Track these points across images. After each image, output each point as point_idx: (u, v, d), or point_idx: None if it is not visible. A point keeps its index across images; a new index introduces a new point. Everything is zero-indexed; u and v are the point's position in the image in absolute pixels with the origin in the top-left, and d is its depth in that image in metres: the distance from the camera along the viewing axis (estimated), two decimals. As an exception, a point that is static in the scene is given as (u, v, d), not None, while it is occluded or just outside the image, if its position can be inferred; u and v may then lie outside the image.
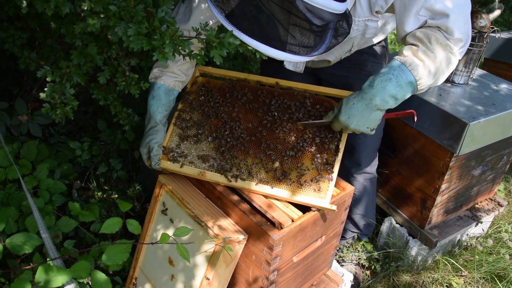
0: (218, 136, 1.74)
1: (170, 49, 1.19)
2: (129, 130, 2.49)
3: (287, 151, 1.64)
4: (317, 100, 1.73)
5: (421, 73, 1.46)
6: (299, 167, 1.61)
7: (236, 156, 1.67)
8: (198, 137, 1.76)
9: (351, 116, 1.50)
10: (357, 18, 1.61)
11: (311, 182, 1.57)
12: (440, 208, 2.34)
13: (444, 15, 1.46)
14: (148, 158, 1.78)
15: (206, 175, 1.66)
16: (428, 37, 1.47)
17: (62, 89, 1.44)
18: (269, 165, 1.63)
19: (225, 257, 1.56)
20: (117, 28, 1.19)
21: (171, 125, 1.82)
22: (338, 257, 2.49)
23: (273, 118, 1.72)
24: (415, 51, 1.48)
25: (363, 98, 1.48)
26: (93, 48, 1.47)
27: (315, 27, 1.32)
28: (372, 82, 1.48)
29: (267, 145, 1.67)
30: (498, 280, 2.38)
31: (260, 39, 1.29)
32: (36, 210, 1.59)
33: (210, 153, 1.72)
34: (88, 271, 1.40)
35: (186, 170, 1.70)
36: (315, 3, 1.23)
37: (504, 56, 3.08)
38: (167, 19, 1.20)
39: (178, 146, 1.77)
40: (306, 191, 1.56)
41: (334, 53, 1.94)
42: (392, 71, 1.46)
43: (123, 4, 1.17)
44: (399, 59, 1.48)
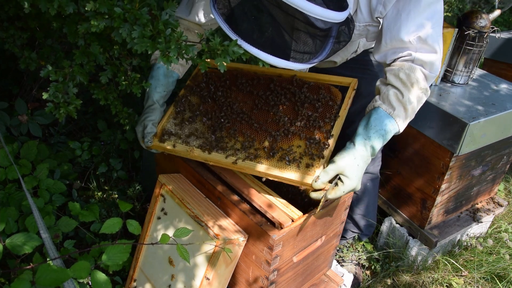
0: (212, 117, 1.76)
1: (175, 54, 1.20)
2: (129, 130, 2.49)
3: (279, 131, 1.63)
4: (315, 85, 1.73)
5: (403, 123, 1.55)
6: (290, 146, 1.58)
7: (227, 135, 1.68)
8: (194, 118, 1.78)
9: (360, 178, 1.49)
10: (358, 23, 1.62)
11: (299, 160, 1.53)
12: (440, 208, 2.34)
13: (433, 51, 1.51)
14: (142, 137, 1.78)
15: (194, 152, 1.66)
16: (411, 81, 1.51)
17: (65, 88, 1.44)
18: (259, 143, 1.62)
19: (225, 257, 1.56)
20: (121, 29, 1.19)
21: (170, 108, 1.84)
22: (338, 257, 2.49)
23: (268, 101, 1.72)
24: (400, 99, 1.52)
25: (365, 158, 1.48)
26: (96, 48, 1.47)
27: (315, 35, 1.33)
28: (363, 139, 1.49)
29: (259, 125, 1.67)
30: (498, 280, 2.38)
31: (262, 47, 1.31)
32: (36, 210, 1.59)
33: (202, 132, 1.73)
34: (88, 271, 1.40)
35: (176, 148, 1.71)
36: (316, 14, 1.24)
37: (504, 56, 3.09)
38: (171, 22, 1.21)
39: (173, 127, 1.78)
40: (293, 168, 1.52)
41: (340, 55, 1.95)
42: (383, 126, 1.50)
43: (128, 6, 1.18)
44: (391, 113, 1.51)
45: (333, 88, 1.70)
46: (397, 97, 1.52)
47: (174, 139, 1.74)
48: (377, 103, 1.55)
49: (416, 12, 1.47)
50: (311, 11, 1.22)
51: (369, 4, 1.54)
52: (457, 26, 2.23)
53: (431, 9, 1.48)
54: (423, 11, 1.47)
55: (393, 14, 1.51)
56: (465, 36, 2.20)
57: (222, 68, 1.25)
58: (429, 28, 1.48)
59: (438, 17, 1.50)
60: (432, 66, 1.53)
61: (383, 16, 1.55)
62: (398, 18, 1.50)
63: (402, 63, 1.54)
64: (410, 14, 1.48)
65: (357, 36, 1.70)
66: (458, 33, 2.21)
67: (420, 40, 1.50)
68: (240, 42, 1.29)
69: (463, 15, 2.25)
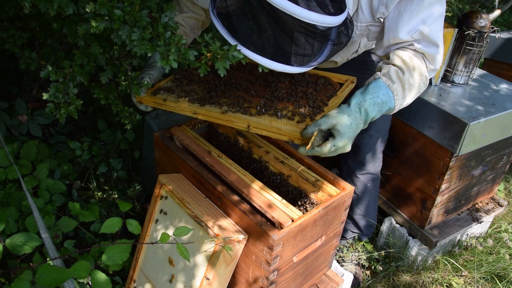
0: (210, 84, 1.76)
1: (175, 57, 1.20)
2: (129, 130, 2.49)
3: (275, 95, 1.62)
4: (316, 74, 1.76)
5: (399, 101, 1.53)
6: (285, 107, 1.56)
7: (221, 95, 1.67)
8: (191, 83, 1.78)
9: (351, 139, 1.45)
10: (359, 23, 1.62)
11: (292, 117, 1.50)
12: (440, 208, 2.34)
13: (435, 45, 1.52)
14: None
15: (184, 103, 1.63)
16: (413, 65, 1.52)
17: (65, 88, 1.44)
18: (254, 102, 1.60)
19: (225, 257, 1.56)
20: (121, 31, 1.19)
21: (172, 75, 1.84)
22: (338, 257, 2.49)
23: (268, 80, 1.73)
24: (401, 76, 1.51)
25: (358, 120, 1.45)
26: (96, 48, 1.47)
27: (313, 39, 1.34)
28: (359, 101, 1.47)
29: (256, 93, 1.67)
30: (498, 280, 2.38)
31: (259, 52, 1.31)
32: (36, 210, 1.59)
33: (197, 92, 1.72)
34: (88, 271, 1.40)
35: (166, 102, 1.68)
36: (312, 20, 1.24)
37: (504, 56, 3.09)
38: (171, 24, 1.21)
39: (169, 86, 1.78)
40: (284, 121, 1.49)
41: (341, 55, 1.95)
42: (380, 95, 1.48)
43: (128, 8, 1.18)
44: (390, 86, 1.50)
45: (332, 80, 1.72)
46: (398, 74, 1.51)
47: (167, 95, 1.72)
48: (377, 75, 1.54)
49: (417, 12, 1.48)
50: (307, 18, 1.23)
51: (371, 4, 1.54)
52: (457, 26, 2.23)
53: (432, 8, 1.49)
54: (424, 10, 1.48)
55: (395, 14, 1.52)
56: (465, 36, 2.20)
57: (222, 72, 1.25)
58: (430, 24, 1.49)
59: (439, 15, 1.51)
60: (434, 59, 1.54)
61: (384, 17, 1.55)
62: (400, 19, 1.51)
63: (406, 48, 1.56)
64: (412, 15, 1.49)
65: (358, 36, 1.70)
66: (458, 33, 2.21)
67: (422, 35, 1.51)
68: (239, 47, 1.29)
69: (463, 15, 2.25)
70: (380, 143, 2.25)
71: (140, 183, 2.49)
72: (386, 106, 1.50)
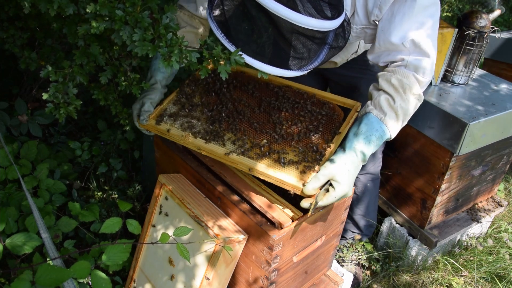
0: (213, 110, 1.75)
1: (177, 58, 1.20)
2: (129, 130, 2.49)
3: (278, 133, 1.62)
4: (320, 100, 1.74)
5: (395, 129, 1.52)
6: (287, 149, 1.56)
7: (225, 128, 1.66)
8: (194, 108, 1.77)
9: (351, 184, 1.47)
10: (355, 25, 1.62)
11: (295, 164, 1.50)
12: (440, 208, 2.34)
13: (426, 55, 1.49)
14: (138, 116, 1.75)
15: (189, 138, 1.64)
16: (403, 87, 1.49)
17: (65, 88, 1.44)
18: (256, 140, 1.60)
19: (225, 257, 1.56)
20: (122, 32, 1.19)
21: (172, 93, 1.83)
22: (338, 257, 2.49)
23: (272, 106, 1.73)
24: (392, 105, 1.50)
25: (355, 164, 1.46)
26: (96, 48, 1.47)
27: (309, 43, 1.34)
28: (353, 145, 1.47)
29: (259, 126, 1.66)
30: (498, 280, 2.38)
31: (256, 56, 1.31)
32: (36, 210, 1.59)
33: (200, 122, 1.72)
34: (88, 271, 1.40)
35: (170, 132, 1.68)
36: (309, 26, 1.24)
37: (504, 56, 3.09)
38: (172, 25, 1.22)
39: (171, 111, 1.77)
40: (287, 171, 1.49)
41: (340, 56, 1.95)
42: (374, 132, 1.48)
43: (129, 9, 1.18)
44: (382, 119, 1.50)
45: (337, 107, 1.70)
46: (389, 103, 1.50)
47: (170, 123, 1.72)
48: (368, 108, 1.53)
49: (410, 14, 1.45)
50: (305, 24, 1.23)
51: (366, 7, 1.53)
52: (457, 26, 2.23)
53: (426, 12, 1.46)
54: (417, 14, 1.45)
55: (388, 16, 1.50)
56: (465, 36, 2.20)
57: (224, 76, 1.25)
58: (422, 32, 1.46)
59: (433, 21, 1.48)
60: (425, 71, 1.51)
61: (379, 19, 1.55)
62: (392, 21, 1.48)
63: (394, 69, 1.52)
64: (404, 17, 1.46)
65: (354, 38, 1.70)
66: (458, 33, 2.21)
67: (413, 44, 1.47)
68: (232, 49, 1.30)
69: (463, 15, 2.25)
70: None
71: (140, 183, 2.49)
72: (382, 139, 1.52)
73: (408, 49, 1.49)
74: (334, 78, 2.12)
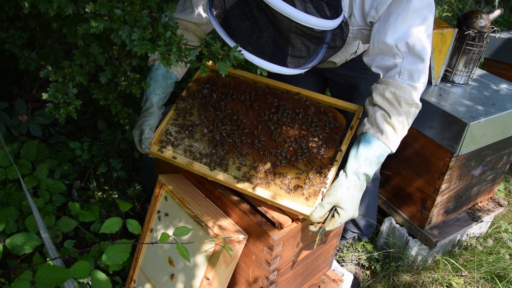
0: (213, 130, 1.73)
1: (175, 57, 1.20)
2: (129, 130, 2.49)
3: (282, 155, 1.60)
4: (320, 108, 1.71)
5: (395, 143, 1.53)
6: (291, 173, 1.56)
7: (228, 152, 1.65)
8: (194, 128, 1.75)
9: (356, 207, 1.49)
10: (352, 27, 1.62)
11: (300, 189, 1.51)
12: (440, 208, 2.34)
13: (420, 59, 1.48)
14: (139, 141, 1.75)
15: (194, 166, 1.64)
16: (398, 100, 1.48)
17: (65, 88, 1.44)
18: (261, 165, 1.59)
19: (225, 257, 1.56)
20: (121, 31, 1.19)
21: (170, 111, 1.81)
22: (338, 257, 2.49)
23: (273, 121, 1.69)
24: (388, 120, 1.49)
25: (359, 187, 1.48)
26: (95, 48, 1.47)
27: (308, 42, 1.34)
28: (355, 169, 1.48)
29: (261, 146, 1.64)
30: (498, 280, 2.38)
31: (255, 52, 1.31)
32: (36, 210, 1.59)
33: (203, 145, 1.70)
34: (88, 271, 1.40)
35: (176, 160, 1.68)
36: (309, 23, 1.24)
37: (504, 56, 3.09)
38: (171, 24, 1.21)
39: (171, 134, 1.75)
40: (293, 197, 1.50)
41: (339, 56, 1.95)
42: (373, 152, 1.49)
43: (128, 8, 1.18)
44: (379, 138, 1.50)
45: (338, 115, 1.68)
46: (385, 119, 1.50)
47: (173, 149, 1.71)
48: (365, 127, 1.53)
49: (404, 16, 1.44)
50: (305, 21, 1.23)
51: (362, 8, 1.53)
52: (457, 26, 2.23)
53: (421, 14, 1.45)
54: (412, 16, 1.44)
55: (384, 17, 1.49)
56: (465, 36, 2.20)
57: (223, 72, 1.24)
58: (417, 35, 1.45)
59: (427, 24, 1.47)
60: (420, 75, 1.49)
61: (375, 20, 1.54)
62: (387, 21, 1.48)
63: (388, 80, 1.51)
64: (398, 18, 1.45)
65: (352, 39, 1.70)
66: (458, 33, 2.21)
67: (407, 47, 1.46)
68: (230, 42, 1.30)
69: (463, 15, 2.25)
70: None
71: (140, 183, 2.49)
72: (383, 157, 1.52)
73: (402, 53, 1.48)
74: (334, 78, 2.12)
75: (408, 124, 1.55)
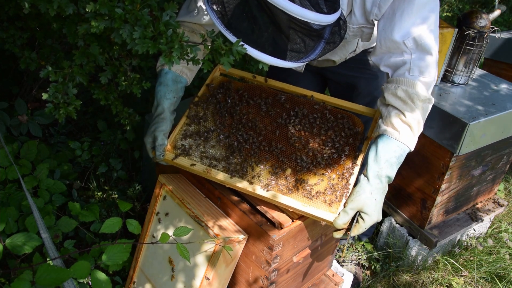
0: (229, 136, 1.67)
1: (178, 54, 1.20)
2: (129, 130, 2.49)
3: (301, 160, 1.57)
4: (337, 113, 1.68)
5: (413, 141, 1.52)
6: (313, 178, 1.53)
7: (246, 158, 1.60)
8: (209, 134, 1.69)
9: (380, 210, 1.49)
10: (351, 25, 1.62)
11: (322, 195, 1.49)
12: (440, 208, 2.34)
13: (428, 53, 1.47)
14: (152, 148, 1.68)
15: (212, 173, 1.58)
16: (411, 97, 1.47)
17: (65, 89, 1.44)
18: (280, 172, 1.55)
19: (225, 257, 1.56)
20: (122, 30, 1.19)
21: (183, 117, 1.74)
22: (338, 257, 2.49)
23: (290, 126, 1.65)
24: (404, 119, 1.48)
25: (381, 190, 1.47)
26: (95, 48, 1.47)
27: (306, 36, 1.34)
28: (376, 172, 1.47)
29: (281, 152, 1.60)
30: (498, 280, 2.38)
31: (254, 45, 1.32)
32: (36, 210, 1.59)
33: (219, 151, 1.64)
34: (88, 271, 1.40)
35: (193, 167, 1.62)
36: (305, 18, 1.25)
37: (504, 56, 3.08)
38: (172, 23, 1.21)
39: (186, 140, 1.69)
40: (316, 203, 1.47)
41: (339, 54, 1.95)
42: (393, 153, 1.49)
43: (129, 7, 1.18)
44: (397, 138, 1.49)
45: (356, 119, 1.65)
46: (400, 118, 1.48)
47: (188, 156, 1.65)
48: (381, 129, 1.51)
49: (409, 12, 1.45)
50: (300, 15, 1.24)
51: (363, 6, 1.53)
52: (457, 26, 2.23)
53: (426, 9, 1.45)
54: (417, 12, 1.45)
55: (389, 14, 1.50)
56: (465, 36, 2.20)
57: (227, 67, 1.24)
58: (423, 30, 1.45)
59: (433, 18, 1.47)
60: (430, 69, 1.49)
61: (378, 18, 1.54)
62: (393, 18, 1.48)
63: (398, 78, 1.50)
64: (403, 14, 1.45)
65: (351, 37, 1.70)
66: (458, 33, 2.21)
67: (415, 42, 1.46)
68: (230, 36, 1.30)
69: (463, 15, 2.24)
70: None
71: (140, 183, 2.49)
72: (402, 157, 1.51)
73: (410, 49, 1.48)
74: (333, 78, 2.12)
75: (423, 120, 1.54)
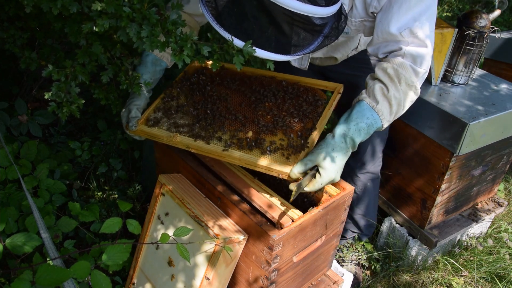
0: (199, 108, 1.78)
1: (189, 52, 1.22)
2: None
3: (263, 124, 1.64)
4: (301, 87, 1.77)
5: (387, 118, 1.53)
6: (272, 138, 1.59)
7: (211, 125, 1.69)
8: (180, 108, 1.80)
9: (339, 170, 1.48)
10: (353, 18, 1.63)
11: (281, 151, 1.53)
12: (440, 208, 2.34)
13: (424, 45, 1.50)
14: (126, 122, 1.78)
15: (177, 138, 1.66)
16: (399, 77, 1.50)
17: (67, 87, 1.45)
18: (242, 134, 1.63)
19: (225, 257, 1.56)
20: (128, 29, 1.20)
21: (158, 98, 1.86)
22: (338, 257, 2.49)
23: (255, 99, 1.75)
24: (386, 94, 1.51)
25: (344, 150, 1.47)
26: (98, 47, 1.47)
27: (301, 30, 1.34)
28: (343, 131, 1.48)
29: (244, 119, 1.69)
30: (498, 280, 2.38)
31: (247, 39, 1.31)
32: (36, 210, 1.59)
33: (187, 121, 1.74)
34: (88, 271, 1.39)
35: (159, 133, 1.71)
36: (301, 10, 1.25)
37: (504, 56, 3.09)
38: (179, 22, 1.23)
39: (158, 113, 1.80)
40: (274, 157, 1.52)
41: (341, 51, 1.95)
42: (364, 119, 1.49)
43: (137, 6, 1.19)
44: (374, 107, 1.50)
45: (319, 91, 1.73)
46: (382, 92, 1.51)
47: (158, 126, 1.75)
48: (362, 96, 1.55)
49: (407, 4, 1.47)
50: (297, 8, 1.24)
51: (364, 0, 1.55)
52: (457, 26, 2.23)
53: (423, 3, 1.47)
54: (415, 5, 1.47)
55: (387, 7, 1.52)
56: (465, 36, 2.20)
57: (239, 67, 1.29)
58: (420, 22, 1.48)
59: (430, 12, 1.49)
60: (423, 60, 1.52)
61: (377, 11, 1.56)
62: (390, 11, 1.50)
63: (392, 59, 1.54)
64: (401, 7, 1.47)
65: (354, 32, 1.71)
66: (458, 33, 2.21)
67: (411, 34, 1.49)
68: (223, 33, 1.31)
69: (463, 15, 2.25)
70: (380, 142, 2.25)
71: (140, 183, 2.49)
72: (373, 128, 1.52)
73: (406, 39, 1.50)
74: (334, 77, 2.12)
75: (404, 107, 1.55)
